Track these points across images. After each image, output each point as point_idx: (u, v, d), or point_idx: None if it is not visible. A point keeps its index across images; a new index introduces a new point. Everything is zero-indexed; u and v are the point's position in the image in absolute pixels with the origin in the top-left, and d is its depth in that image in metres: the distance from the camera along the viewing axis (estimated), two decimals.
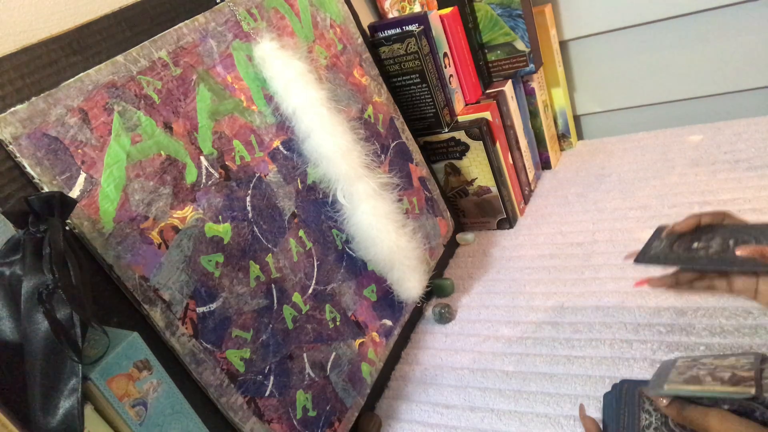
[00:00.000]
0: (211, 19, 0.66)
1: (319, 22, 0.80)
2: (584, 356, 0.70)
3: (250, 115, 0.68)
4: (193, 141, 0.61)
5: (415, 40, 0.88)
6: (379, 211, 0.72)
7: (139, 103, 0.56)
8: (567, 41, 1.12)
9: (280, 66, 0.69)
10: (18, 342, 0.40)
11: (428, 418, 0.71)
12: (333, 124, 0.71)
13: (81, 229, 0.49)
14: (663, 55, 1.06)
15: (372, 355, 0.75)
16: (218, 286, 0.59)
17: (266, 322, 0.63)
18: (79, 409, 0.40)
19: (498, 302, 0.84)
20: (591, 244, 0.88)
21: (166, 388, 0.46)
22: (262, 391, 0.61)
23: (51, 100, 0.50)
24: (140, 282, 0.53)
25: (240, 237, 0.62)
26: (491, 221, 1.02)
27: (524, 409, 0.67)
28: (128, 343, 0.44)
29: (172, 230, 0.56)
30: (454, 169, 0.99)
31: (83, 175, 0.51)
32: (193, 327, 0.56)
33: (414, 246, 0.76)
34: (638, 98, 1.14)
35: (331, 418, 0.68)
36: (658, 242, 0.56)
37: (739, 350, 0.63)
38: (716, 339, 0.65)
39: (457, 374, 0.75)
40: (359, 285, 0.77)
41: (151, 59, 0.59)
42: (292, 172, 0.71)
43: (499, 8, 0.99)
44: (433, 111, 0.94)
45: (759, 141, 0.97)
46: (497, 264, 0.93)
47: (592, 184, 1.04)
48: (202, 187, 0.60)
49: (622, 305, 0.75)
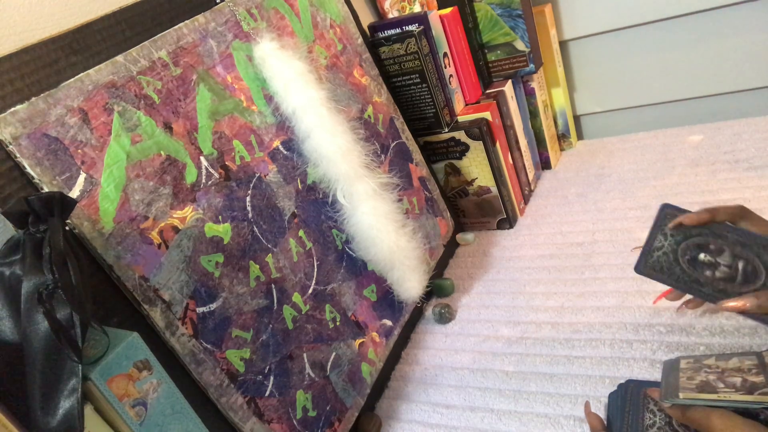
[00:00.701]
0: (211, 19, 0.66)
1: (319, 22, 0.80)
2: (584, 356, 0.70)
3: (250, 115, 0.68)
4: (193, 141, 0.61)
5: (415, 40, 0.88)
6: (379, 211, 0.72)
7: (139, 103, 0.56)
8: (567, 41, 1.12)
9: (280, 66, 0.69)
10: (18, 342, 0.40)
11: (428, 418, 0.71)
12: (333, 124, 0.71)
13: (81, 229, 0.49)
14: (663, 55, 1.06)
15: (372, 355, 0.75)
16: (218, 286, 0.59)
17: (266, 322, 0.63)
18: (79, 409, 0.40)
19: (498, 302, 0.84)
20: (591, 244, 0.88)
21: (166, 388, 0.46)
22: (262, 391, 0.61)
23: (51, 100, 0.50)
24: (140, 282, 0.53)
25: (240, 237, 0.62)
26: (491, 221, 1.02)
27: (524, 409, 0.67)
28: (128, 343, 0.44)
29: (172, 230, 0.56)
30: (454, 169, 0.99)
31: (83, 175, 0.51)
32: (193, 327, 0.56)
33: (414, 246, 0.76)
34: (638, 98, 1.14)
35: (331, 418, 0.68)
36: (662, 239, 0.52)
37: (739, 350, 0.63)
38: (716, 339, 0.65)
39: (457, 374, 0.75)
40: (359, 285, 0.77)
41: (151, 59, 0.59)
42: (292, 172, 0.71)
43: (499, 8, 0.99)
44: (433, 111, 0.94)
45: (759, 141, 0.97)
46: (497, 264, 0.93)
47: (592, 184, 1.04)
48: (202, 187, 0.60)
49: (622, 305, 0.75)
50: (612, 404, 0.56)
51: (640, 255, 0.53)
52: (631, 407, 0.52)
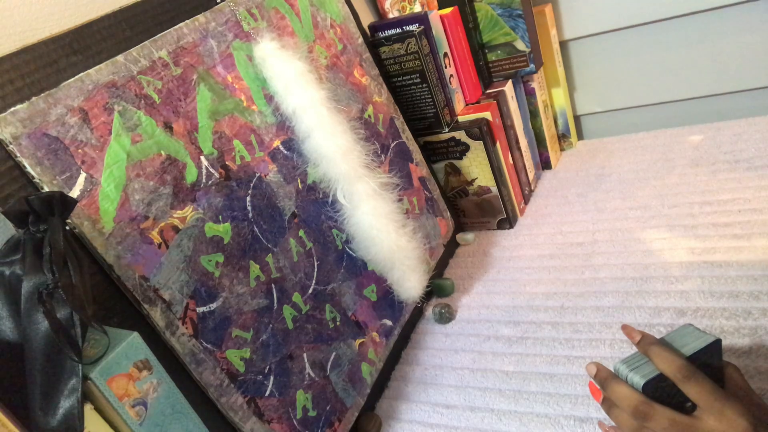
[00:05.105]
0: (211, 18, 0.66)
1: (320, 22, 0.80)
2: (584, 356, 0.70)
3: (250, 114, 0.68)
4: (194, 141, 0.61)
5: (415, 40, 0.88)
6: (379, 211, 0.72)
7: (140, 102, 0.56)
8: (567, 41, 1.12)
9: (281, 66, 0.69)
10: (18, 342, 0.40)
11: (428, 418, 0.71)
12: (333, 124, 0.71)
13: (81, 229, 0.49)
14: (663, 55, 1.06)
15: (372, 355, 0.75)
16: (218, 286, 0.59)
17: (266, 322, 0.63)
18: (79, 409, 0.40)
19: (498, 302, 0.84)
20: (591, 244, 0.88)
21: (166, 388, 0.46)
22: (262, 391, 0.61)
23: (51, 100, 0.50)
24: (140, 282, 0.53)
25: (240, 237, 0.62)
26: (491, 221, 1.02)
27: (524, 409, 0.67)
28: (128, 343, 0.44)
29: (172, 230, 0.56)
30: (454, 169, 0.99)
31: (83, 175, 0.51)
32: (193, 327, 0.56)
33: (414, 246, 0.76)
34: (638, 98, 1.14)
35: (331, 418, 0.68)
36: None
37: (738, 351, 0.63)
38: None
39: (457, 374, 0.75)
40: (359, 285, 0.77)
41: (152, 59, 0.59)
42: (292, 172, 0.71)
43: (500, 8, 0.99)
44: (434, 111, 0.94)
45: (759, 141, 0.97)
46: (497, 264, 0.93)
47: (592, 184, 1.04)
48: (202, 187, 0.60)
49: (622, 305, 0.75)
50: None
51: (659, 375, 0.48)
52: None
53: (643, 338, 0.49)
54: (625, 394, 0.47)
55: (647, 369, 0.47)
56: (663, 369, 0.45)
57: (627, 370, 0.48)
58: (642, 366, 0.47)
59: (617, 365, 0.49)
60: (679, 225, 0.85)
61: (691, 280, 0.74)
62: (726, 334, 0.65)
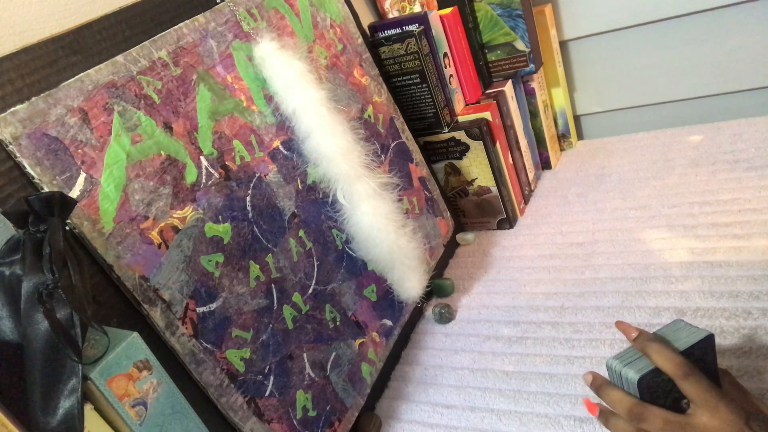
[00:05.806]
0: (211, 19, 0.66)
1: (319, 22, 0.80)
2: (584, 356, 0.70)
3: (250, 115, 0.68)
4: (193, 141, 0.61)
5: (415, 40, 0.88)
6: (379, 211, 0.72)
7: (139, 103, 0.56)
8: (567, 41, 1.12)
9: (280, 66, 0.69)
10: (18, 342, 0.40)
11: (428, 418, 0.71)
12: (333, 124, 0.71)
13: (81, 229, 0.49)
14: (663, 55, 1.06)
15: (372, 355, 0.75)
16: (218, 286, 0.59)
17: (266, 322, 0.63)
18: (79, 409, 0.40)
19: (498, 302, 0.84)
20: (591, 244, 0.88)
21: (166, 388, 0.46)
22: (262, 391, 0.61)
23: (51, 100, 0.50)
24: (140, 282, 0.53)
25: (240, 237, 0.62)
26: (491, 221, 1.02)
27: (524, 409, 0.67)
28: (128, 343, 0.44)
29: (172, 230, 0.56)
30: (454, 169, 0.99)
31: (83, 175, 0.51)
32: (193, 327, 0.56)
33: (414, 246, 0.76)
34: (638, 98, 1.14)
35: (331, 418, 0.68)
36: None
37: (738, 351, 0.63)
38: (716, 340, 0.65)
39: (457, 374, 0.75)
40: (359, 285, 0.77)
41: (151, 59, 0.59)
42: (292, 172, 0.71)
43: (499, 8, 0.99)
44: (433, 111, 0.94)
45: (759, 141, 0.97)
46: (497, 264, 0.93)
47: (592, 184, 1.04)
48: (202, 187, 0.60)
49: (622, 305, 0.75)
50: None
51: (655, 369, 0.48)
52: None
53: (639, 335, 0.49)
54: (618, 398, 0.47)
55: (641, 364, 0.47)
56: (662, 366, 0.45)
57: (621, 365, 0.48)
58: (635, 361, 0.47)
59: (610, 361, 0.49)
60: (679, 225, 0.85)
61: (691, 280, 0.74)
62: (726, 334, 0.65)
